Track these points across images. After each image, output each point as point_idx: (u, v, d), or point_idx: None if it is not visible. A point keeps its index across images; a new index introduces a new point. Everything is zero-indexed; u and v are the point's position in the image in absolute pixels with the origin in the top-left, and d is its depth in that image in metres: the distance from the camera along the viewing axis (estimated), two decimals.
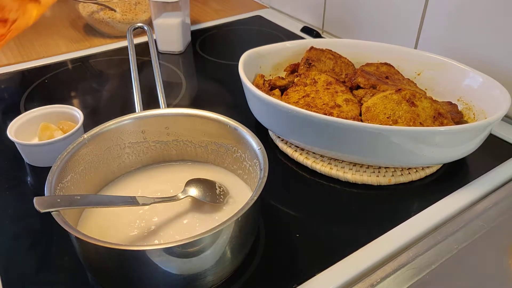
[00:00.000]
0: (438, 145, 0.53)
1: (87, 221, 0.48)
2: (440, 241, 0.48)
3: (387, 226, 0.51)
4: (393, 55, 0.71)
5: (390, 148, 0.52)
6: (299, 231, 0.50)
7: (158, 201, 0.46)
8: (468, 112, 0.63)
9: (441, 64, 0.67)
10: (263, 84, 0.67)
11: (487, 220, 0.51)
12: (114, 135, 0.51)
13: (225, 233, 0.39)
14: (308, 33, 1.01)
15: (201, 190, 0.49)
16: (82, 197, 0.44)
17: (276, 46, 0.73)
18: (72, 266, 0.46)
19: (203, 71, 0.89)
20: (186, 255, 0.38)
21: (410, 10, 0.80)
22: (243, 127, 0.50)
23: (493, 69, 0.68)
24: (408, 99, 0.57)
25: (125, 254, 0.37)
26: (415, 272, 0.45)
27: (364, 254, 0.47)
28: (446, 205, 0.54)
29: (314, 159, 0.60)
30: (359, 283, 0.44)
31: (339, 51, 0.72)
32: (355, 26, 0.93)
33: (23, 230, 0.51)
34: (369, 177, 0.57)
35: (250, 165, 0.50)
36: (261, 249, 0.48)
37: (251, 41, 1.02)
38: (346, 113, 0.58)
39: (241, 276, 0.45)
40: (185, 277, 0.40)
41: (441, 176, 0.59)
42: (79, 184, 0.48)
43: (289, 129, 0.58)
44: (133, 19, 1.00)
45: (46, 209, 0.38)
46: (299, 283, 0.44)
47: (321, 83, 0.63)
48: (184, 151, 0.56)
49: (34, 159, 0.60)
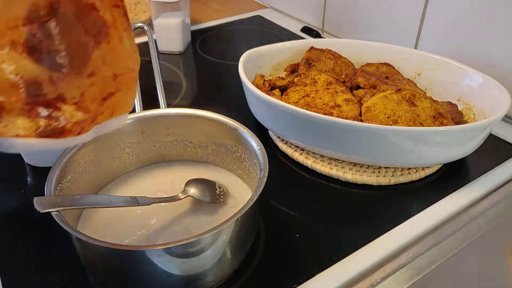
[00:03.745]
0: (438, 145, 0.53)
1: (87, 221, 0.48)
2: (440, 241, 0.48)
3: (387, 226, 0.51)
4: (393, 55, 0.71)
5: (390, 148, 0.52)
6: (299, 231, 0.50)
7: (158, 201, 0.46)
8: (468, 112, 0.63)
9: (441, 64, 0.67)
10: (263, 84, 0.67)
11: (487, 220, 0.51)
12: (114, 135, 0.51)
13: (225, 233, 0.39)
14: (308, 33, 1.01)
15: (201, 190, 0.49)
16: (82, 197, 0.44)
17: (276, 46, 0.73)
18: (72, 266, 0.46)
19: (203, 71, 0.89)
20: (186, 255, 0.38)
21: (410, 10, 0.79)
22: (243, 127, 0.50)
23: (493, 69, 0.68)
24: (408, 99, 0.57)
25: (125, 254, 0.37)
26: (415, 272, 0.45)
27: (364, 254, 0.47)
28: (446, 205, 0.54)
29: (314, 159, 0.60)
30: (359, 283, 0.44)
31: (339, 51, 0.72)
32: (355, 26, 0.93)
33: (23, 230, 0.51)
34: (369, 177, 0.57)
35: (250, 165, 0.50)
36: (261, 249, 0.48)
37: (251, 41, 1.02)
38: (346, 113, 0.58)
39: (241, 276, 0.45)
40: (185, 277, 0.40)
41: (441, 176, 0.59)
42: (79, 184, 0.48)
43: (289, 129, 0.58)
44: (133, 19, 1.00)
45: (46, 209, 0.38)
46: (299, 283, 0.44)
47: (321, 83, 0.63)
48: (184, 151, 0.56)
49: (34, 159, 0.60)
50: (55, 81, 0.30)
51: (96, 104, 0.34)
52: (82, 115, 0.32)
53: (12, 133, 0.30)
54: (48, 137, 0.31)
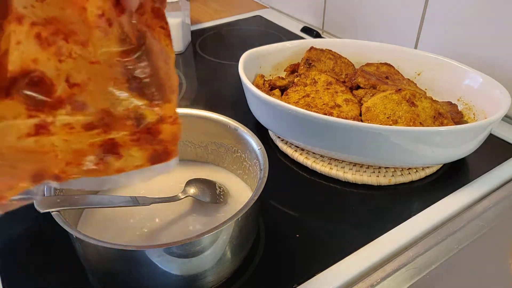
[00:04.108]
0: (438, 145, 0.53)
1: (87, 221, 0.48)
2: (440, 241, 0.48)
3: (387, 226, 0.51)
4: (393, 55, 0.71)
5: (390, 148, 0.52)
6: (299, 231, 0.50)
7: (158, 201, 0.46)
8: (468, 112, 0.63)
9: (441, 64, 0.67)
10: (263, 84, 0.67)
11: (487, 220, 0.51)
12: None
13: (225, 233, 0.39)
14: (308, 33, 1.01)
15: (201, 190, 0.49)
16: (82, 197, 0.44)
17: (276, 46, 0.73)
18: (72, 266, 0.46)
19: (203, 71, 0.89)
20: (186, 255, 0.38)
21: (410, 10, 0.79)
22: (243, 127, 0.50)
23: (493, 69, 0.67)
24: (408, 99, 0.57)
25: (125, 254, 0.37)
26: (415, 272, 0.45)
27: (364, 254, 0.47)
28: (446, 205, 0.54)
29: (314, 159, 0.60)
30: (359, 283, 0.44)
31: (339, 51, 0.72)
32: (355, 26, 0.93)
33: (23, 230, 0.51)
34: (369, 177, 0.57)
35: (250, 165, 0.50)
36: (261, 249, 0.48)
37: (251, 41, 1.02)
38: (346, 113, 0.58)
39: (241, 276, 0.45)
40: (185, 277, 0.40)
41: (441, 176, 0.59)
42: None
43: (289, 129, 0.58)
44: None
45: (46, 209, 0.38)
46: (299, 283, 0.44)
47: (321, 83, 0.63)
48: (184, 151, 0.56)
49: None
50: (154, 106, 0.32)
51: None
52: (176, 129, 0.34)
53: (132, 165, 0.31)
54: (158, 162, 0.33)
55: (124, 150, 0.31)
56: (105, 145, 0.30)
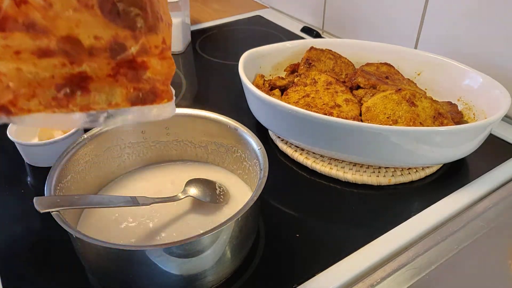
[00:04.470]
0: (438, 145, 0.53)
1: (87, 221, 0.48)
2: (440, 241, 0.48)
3: (387, 226, 0.51)
4: (393, 55, 0.71)
5: (390, 148, 0.52)
6: (299, 231, 0.50)
7: (158, 201, 0.46)
8: (468, 112, 0.63)
9: (441, 64, 0.67)
10: (263, 84, 0.67)
11: (487, 220, 0.51)
12: (114, 135, 0.51)
13: (225, 233, 0.39)
14: (308, 33, 1.01)
15: (201, 190, 0.49)
16: (82, 197, 0.44)
17: (276, 46, 0.73)
18: (72, 266, 0.46)
19: (203, 71, 0.89)
20: (186, 255, 0.38)
21: (410, 10, 0.79)
22: (243, 127, 0.50)
23: (493, 69, 0.67)
24: (408, 99, 0.57)
25: (125, 254, 0.37)
26: (415, 272, 0.45)
27: (364, 254, 0.47)
28: (446, 205, 0.54)
29: (314, 159, 0.60)
30: (359, 283, 0.44)
31: (339, 51, 0.72)
32: (355, 26, 0.93)
33: (23, 230, 0.51)
34: (369, 177, 0.57)
35: (250, 165, 0.50)
36: (261, 249, 0.48)
37: (251, 41, 1.02)
38: (346, 113, 0.58)
39: (241, 276, 0.45)
40: (185, 277, 0.40)
41: (441, 176, 0.59)
42: (79, 184, 0.48)
43: (289, 129, 0.58)
44: None
45: (46, 209, 0.38)
46: (299, 283, 0.44)
47: (321, 83, 0.63)
48: (184, 151, 0.56)
49: (34, 159, 0.60)
50: (137, 36, 0.27)
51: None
52: (167, 66, 0.29)
53: (104, 103, 0.27)
54: (142, 103, 0.28)
55: (94, 85, 0.27)
56: (71, 77, 0.26)
